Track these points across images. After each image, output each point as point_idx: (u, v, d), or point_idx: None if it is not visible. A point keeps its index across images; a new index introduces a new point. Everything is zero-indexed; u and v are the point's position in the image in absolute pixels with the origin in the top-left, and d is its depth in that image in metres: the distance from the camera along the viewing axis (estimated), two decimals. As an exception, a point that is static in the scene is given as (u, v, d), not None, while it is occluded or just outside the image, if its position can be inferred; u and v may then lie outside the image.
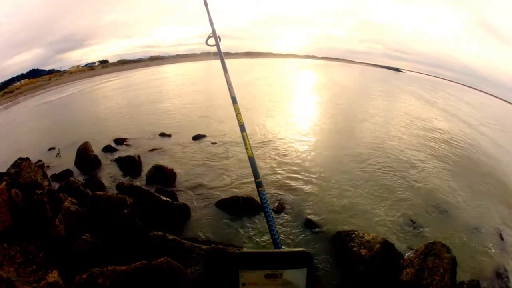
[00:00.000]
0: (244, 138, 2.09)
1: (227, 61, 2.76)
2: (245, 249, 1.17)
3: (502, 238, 9.13)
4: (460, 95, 54.46)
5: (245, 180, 11.21)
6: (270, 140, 16.22)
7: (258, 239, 8.13)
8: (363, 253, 6.90)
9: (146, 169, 11.92)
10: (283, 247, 1.65)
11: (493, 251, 8.52)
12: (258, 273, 1.10)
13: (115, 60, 63.78)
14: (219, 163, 13.03)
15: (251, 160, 2.02)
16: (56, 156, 14.42)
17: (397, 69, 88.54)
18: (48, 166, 12.61)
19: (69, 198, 7.96)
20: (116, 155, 13.84)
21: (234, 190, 10.69)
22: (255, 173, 1.94)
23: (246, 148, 2.04)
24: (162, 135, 17.03)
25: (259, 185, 1.88)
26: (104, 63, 62.05)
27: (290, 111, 25.00)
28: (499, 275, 7.43)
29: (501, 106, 54.75)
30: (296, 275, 1.11)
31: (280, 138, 16.66)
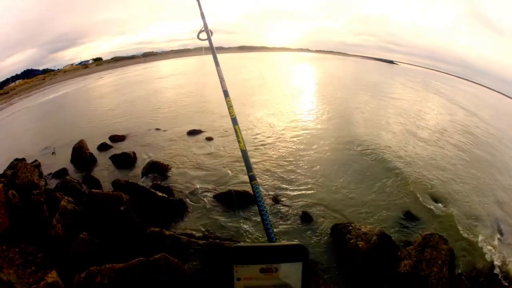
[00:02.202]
0: (237, 131, 2.07)
1: (220, 55, 2.74)
2: (240, 243, 1.15)
3: (499, 230, 9.17)
4: (454, 88, 54.33)
5: (240, 174, 11.21)
6: (263, 134, 16.26)
7: (252, 232, 8.14)
8: (360, 245, 6.91)
9: (141, 165, 11.94)
10: (277, 240, 1.65)
11: (491, 242, 8.55)
12: (253, 267, 1.08)
13: (109, 58, 63.30)
14: (214, 158, 13.04)
15: (244, 153, 2.00)
16: (51, 155, 14.36)
17: (391, 62, 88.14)
18: (44, 166, 12.54)
19: (66, 197, 7.95)
20: (112, 152, 13.78)
21: (229, 184, 10.71)
22: (248, 167, 1.93)
23: (239, 141, 2.03)
24: (157, 131, 17.01)
25: (252, 178, 1.87)
26: (98, 60, 61.66)
27: (284, 104, 24.88)
28: (497, 266, 7.47)
29: (495, 99, 54.60)
30: (292, 269, 1.09)
31: (273, 132, 16.71)
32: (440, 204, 10.17)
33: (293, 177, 11.40)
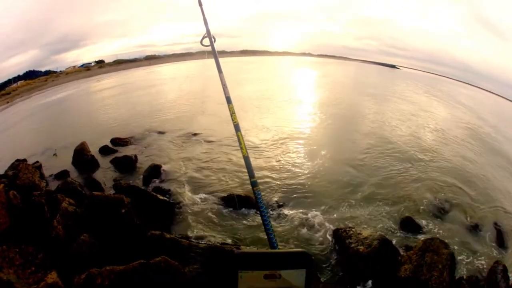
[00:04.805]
0: (239, 138, 2.08)
1: (222, 59, 2.76)
2: (244, 249, 1.16)
3: (500, 234, 9.14)
4: (454, 92, 54.22)
5: (240, 179, 11.21)
6: (265, 140, 16.17)
7: (254, 238, 8.12)
8: (361, 250, 6.90)
9: (142, 168, 11.94)
10: (279, 246, 1.66)
11: (492, 247, 8.55)
12: (257, 273, 1.10)
13: (111, 60, 63.50)
14: (215, 162, 13.04)
15: (246, 159, 2.01)
16: (53, 157, 14.39)
17: (393, 66, 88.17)
18: (45, 167, 12.56)
19: (67, 199, 7.94)
20: (113, 155, 13.77)
21: (230, 188, 10.68)
22: (250, 173, 1.95)
23: (241, 148, 2.04)
24: (159, 134, 17.03)
25: (254, 184, 1.88)
26: (100, 63, 61.86)
27: (286, 109, 24.81)
28: (498, 271, 7.45)
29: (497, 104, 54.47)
30: (295, 276, 1.11)
31: (275, 138, 16.59)
32: (441, 209, 10.15)
33: (295, 182, 11.38)
